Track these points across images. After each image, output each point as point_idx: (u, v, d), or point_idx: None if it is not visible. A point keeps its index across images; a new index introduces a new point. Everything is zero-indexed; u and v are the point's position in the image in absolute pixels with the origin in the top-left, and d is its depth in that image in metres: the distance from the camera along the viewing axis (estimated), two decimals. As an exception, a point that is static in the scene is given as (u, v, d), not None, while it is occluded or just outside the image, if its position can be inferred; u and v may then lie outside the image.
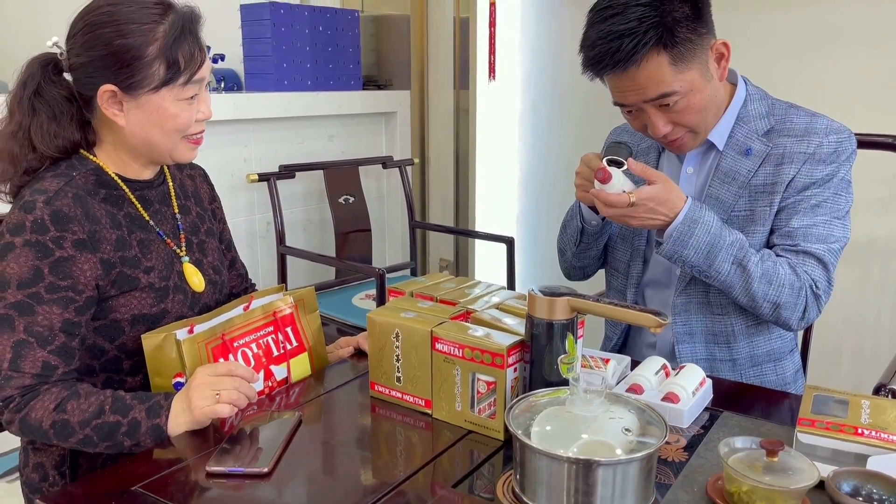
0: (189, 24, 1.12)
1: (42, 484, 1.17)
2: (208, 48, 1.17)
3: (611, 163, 1.21)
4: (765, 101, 1.31)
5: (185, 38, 1.10)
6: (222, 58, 2.66)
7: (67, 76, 1.12)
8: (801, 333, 1.58)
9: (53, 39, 1.12)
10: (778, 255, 1.25)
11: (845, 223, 1.26)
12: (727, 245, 1.21)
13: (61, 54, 1.12)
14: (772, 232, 1.27)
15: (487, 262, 2.90)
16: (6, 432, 1.13)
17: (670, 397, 1.07)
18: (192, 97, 1.13)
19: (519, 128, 2.87)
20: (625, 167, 1.20)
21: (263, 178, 2.42)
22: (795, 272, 1.22)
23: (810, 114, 1.29)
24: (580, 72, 1.25)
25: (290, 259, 2.47)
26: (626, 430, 0.84)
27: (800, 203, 1.25)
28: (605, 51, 1.17)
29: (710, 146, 1.32)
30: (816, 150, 1.25)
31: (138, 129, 1.12)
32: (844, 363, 2.14)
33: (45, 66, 1.12)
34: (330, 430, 1.12)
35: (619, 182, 1.19)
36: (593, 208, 1.29)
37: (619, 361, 1.19)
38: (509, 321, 1.09)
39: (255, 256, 2.56)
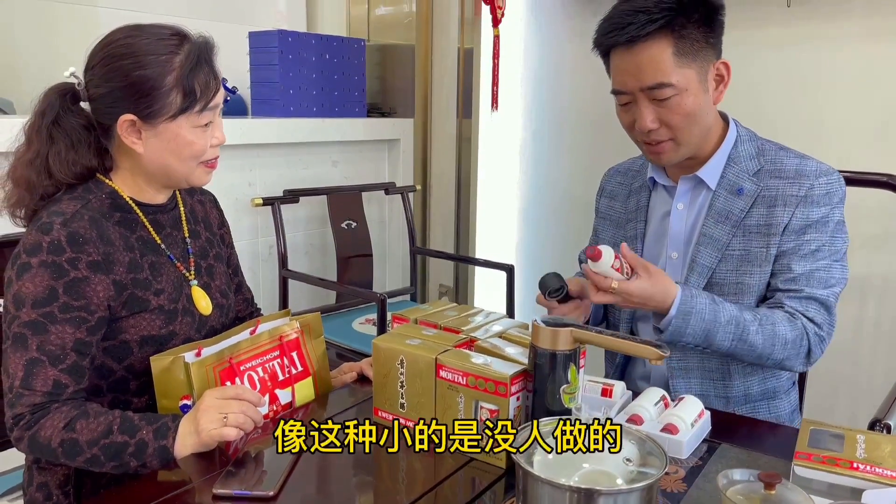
0: (204, 53, 1.16)
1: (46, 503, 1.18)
2: (224, 80, 1.20)
3: (552, 293, 1.29)
4: (754, 142, 1.35)
5: (200, 68, 1.14)
6: (234, 91, 2.70)
7: (85, 105, 1.15)
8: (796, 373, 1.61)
9: (71, 70, 1.16)
10: (779, 305, 1.28)
11: (844, 264, 1.30)
12: (723, 325, 1.24)
13: (79, 84, 1.15)
14: (773, 275, 1.30)
15: (487, 289, 2.92)
16: (8, 450, 1.14)
17: (669, 428, 1.08)
18: (207, 124, 1.16)
19: (520, 157, 2.91)
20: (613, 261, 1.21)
21: (267, 202, 2.45)
22: (795, 324, 1.26)
23: (799, 156, 1.33)
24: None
25: (291, 282, 2.49)
26: (627, 459, 0.86)
27: (800, 248, 1.28)
28: (618, 24, 1.24)
29: (701, 183, 1.35)
30: (808, 192, 1.28)
31: (156, 156, 1.15)
32: (841, 397, 2.16)
33: (63, 96, 1.15)
34: (333, 455, 1.13)
35: (608, 259, 1.19)
36: None
37: (621, 391, 1.21)
38: (511, 350, 1.11)
39: (258, 279, 2.58)
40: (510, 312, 2.53)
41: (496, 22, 2.68)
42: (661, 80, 1.24)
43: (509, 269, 2.50)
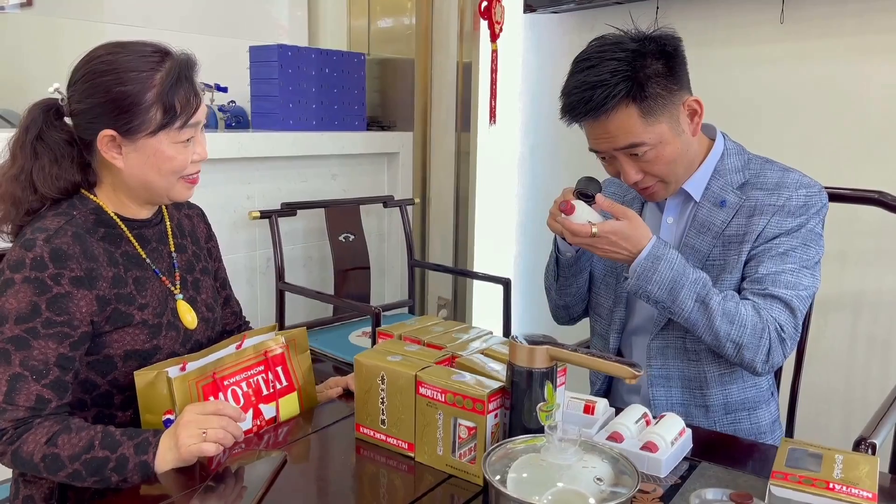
0: (185, 70, 1.17)
1: (31, 516, 1.18)
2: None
3: (582, 195, 1.28)
4: (741, 156, 1.36)
5: (181, 85, 1.15)
6: (225, 89, 2.72)
7: (68, 120, 1.17)
8: (786, 383, 1.60)
9: (55, 86, 1.17)
10: (745, 299, 1.27)
11: (814, 273, 1.29)
12: (690, 282, 1.24)
13: (62, 100, 1.17)
14: (743, 279, 1.31)
15: (485, 302, 2.92)
16: (-2, 464, 1.15)
17: (649, 446, 1.08)
18: (188, 140, 1.18)
19: (518, 171, 2.92)
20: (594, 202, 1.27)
21: (265, 215, 2.47)
22: (759, 314, 1.25)
23: (783, 168, 1.34)
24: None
25: (288, 295, 2.50)
26: (598, 479, 0.86)
27: (769, 251, 1.28)
28: (579, 99, 1.25)
29: (689, 197, 1.36)
30: (786, 202, 1.29)
31: (136, 171, 1.17)
32: (834, 413, 2.14)
33: (47, 112, 1.17)
34: (314, 471, 1.14)
35: (582, 214, 1.26)
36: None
37: (604, 408, 1.21)
38: (493, 367, 1.12)
39: (255, 292, 2.60)
40: (507, 326, 2.53)
41: (494, 37, 2.70)
42: (633, 140, 1.26)
43: (506, 283, 2.51)
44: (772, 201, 1.30)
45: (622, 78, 1.22)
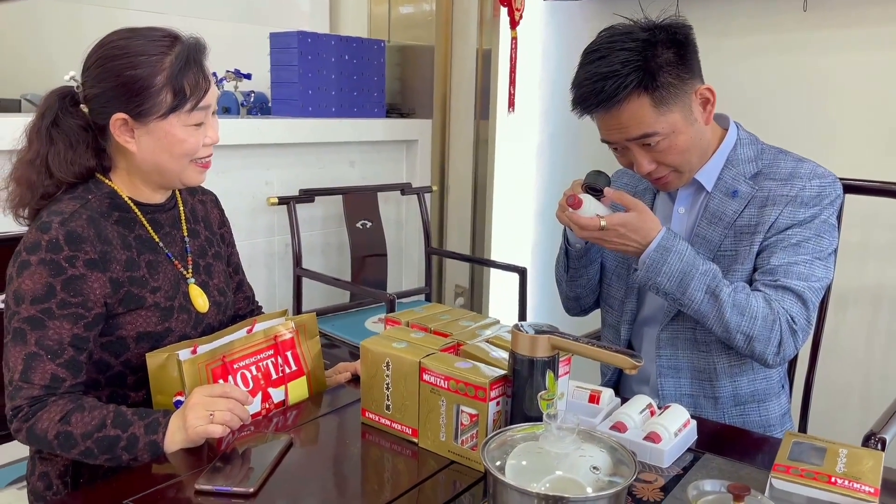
0: (194, 54, 1.19)
1: (46, 492, 1.22)
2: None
3: (590, 189, 1.27)
4: (755, 146, 1.34)
5: (190, 68, 1.17)
6: (246, 76, 2.75)
7: (83, 107, 1.19)
8: (800, 377, 1.58)
9: (70, 74, 1.20)
10: (757, 290, 1.26)
11: (827, 264, 1.28)
12: (700, 273, 1.23)
13: (77, 87, 1.19)
14: (754, 270, 1.29)
15: (502, 290, 2.93)
16: (16, 442, 1.19)
17: (652, 437, 1.08)
18: (198, 123, 1.19)
19: (536, 159, 2.90)
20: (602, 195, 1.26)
21: (283, 201, 2.49)
22: (770, 306, 1.24)
23: (797, 159, 1.32)
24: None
25: (305, 281, 2.53)
26: (595, 468, 0.86)
27: (781, 241, 1.27)
28: (590, 91, 1.24)
29: (701, 187, 1.35)
30: (799, 193, 1.27)
31: (149, 155, 1.19)
32: (851, 408, 2.12)
33: (63, 98, 1.20)
34: (319, 454, 1.16)
35: (590, 207, 1.25)
36: None
37: (609, 398, 1.21)
38: (497, 355, 1.12)
39: (272, 278, 2.62)
40: (522, 314, 2.53)
41: (514, 24, 2.68)
42: (646, 130, 1.25)
43: (522, 272, 2.51)
44: (785, 192, 1.28)
45: (633, 68, 1.21)
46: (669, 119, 1.24)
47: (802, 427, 1.60)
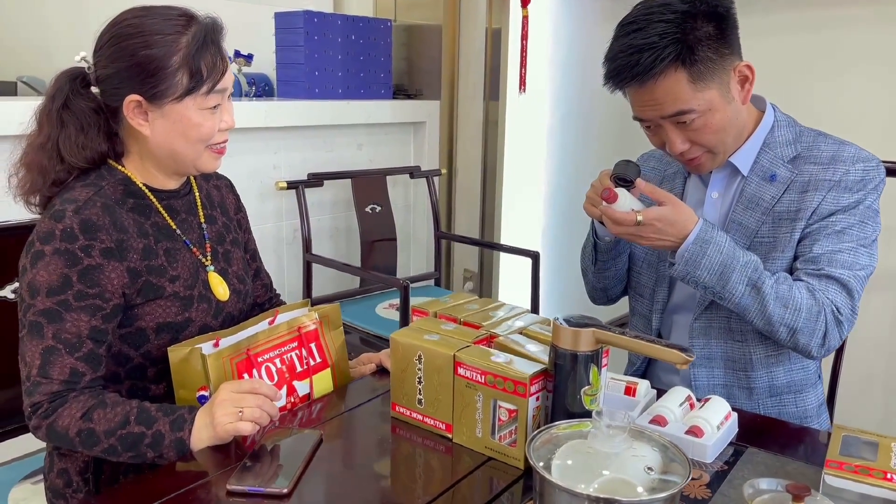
0: (211, 34, 1.14)
1: (66, 490, 1.18)
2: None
3: (620, 180, 1.22)
4: (792, 129, 1.30)
5: (207, 48, 1.12)
6: (250, 57, 2.68)
7: (95, 89, 1.14)
8: (827, 365, 1.55)
9: (81, 54, 1.15)
10: (799, 280, 1.22)
11: (871, 252, 1.24)
12: (741, 266, 1.19)
13: (89, 68, 1.14)
14: (795, 258, 1.25)
15: (512, 275, 2.89)
16: (30, 434, 1.15)
17: (694, 431, 1.05)
18: (214, 107, 1.15)
19: (547, 141, 2.86)
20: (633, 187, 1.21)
21: (292, 185, 2.44)
22: (814, 297, 1.20)
23: (839, 142, 1.28)
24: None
25: (315, 266, 2.49)
26: (649, 468, 0.83)
27: (824, 229, 1.23)
28: (625, 64, 1.19)
29: (735, 171, 1.30)
30: (843, 177, 1.23)
31: (163, 139, 1.14)
32: (874, 394, 2.10)
33: (73, 80, 1.14)
34: (350, 450, 1.12)
35: (626, 201, 1.21)
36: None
37: (645, 389, 1.18)
38: (532, 348, 1.09)
39: (282, 263, 2.58)
40: (535, 300, 2.49)
41: (525, 2, 2.62)
42: (682, 107, 1.19)
43: (535, 256, 2.46)
44: (827, 176, 1.24)
45: (671, 41, 1.16)
46: (706, 96, 1.19)
47: (829, 416, 1.57)
